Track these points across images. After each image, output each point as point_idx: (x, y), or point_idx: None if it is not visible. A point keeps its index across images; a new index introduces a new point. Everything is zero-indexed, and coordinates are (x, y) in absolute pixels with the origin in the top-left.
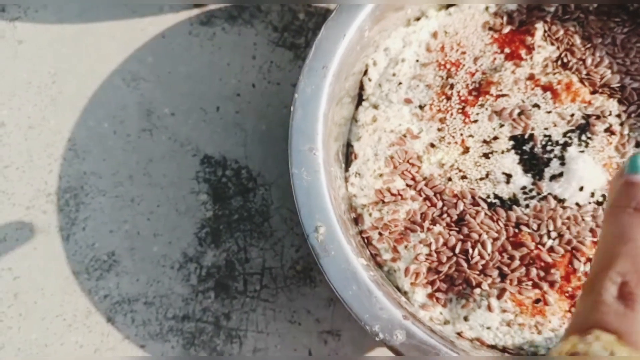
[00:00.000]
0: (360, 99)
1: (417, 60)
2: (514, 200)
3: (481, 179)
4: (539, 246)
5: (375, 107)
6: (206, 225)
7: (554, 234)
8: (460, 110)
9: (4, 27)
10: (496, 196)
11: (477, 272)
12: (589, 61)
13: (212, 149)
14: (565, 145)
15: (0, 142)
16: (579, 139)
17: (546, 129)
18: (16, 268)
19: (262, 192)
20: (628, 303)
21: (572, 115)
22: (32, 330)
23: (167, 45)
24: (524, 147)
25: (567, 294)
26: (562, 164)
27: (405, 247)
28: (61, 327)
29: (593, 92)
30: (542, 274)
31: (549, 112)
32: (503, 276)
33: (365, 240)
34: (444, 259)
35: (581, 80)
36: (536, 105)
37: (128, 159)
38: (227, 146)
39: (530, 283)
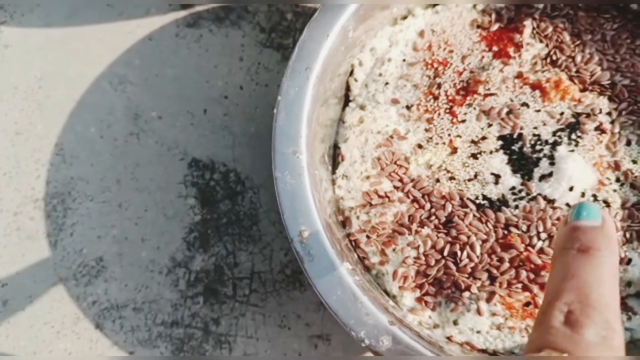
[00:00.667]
0: (347, 100)
1: (404, 60)
2: (503, 201)
3: (469, 179)
4: (529, 248)
5: (362, 108)
6: (194, 230)
7: (543, 235)
8: (447, 110)
9: None
10: (485, 197)
11: (466, 275)
12: (578, 58)
13: (200, 153)
14: (554, 145)
15: None
16: (569, 138)
17: (535, 128)
18: (4, 275)
19: (251, 196)
20: (574, 328)
21: (562, 113)
22: (21, 338)
23: (154, 47)
24: (513, 147)
25: None
26: (552, 163)
27: (394, 250)
28: (50, 334)
29: (583, 90)
30: (532, 276)
31: (538, 110)
32: (492, 279)
33: (353, 243)
34: (433, 262)
35: (571, 78)
36: (525, 104)
37: (115, 163)
38: (215, 149)
39: (520, 285)
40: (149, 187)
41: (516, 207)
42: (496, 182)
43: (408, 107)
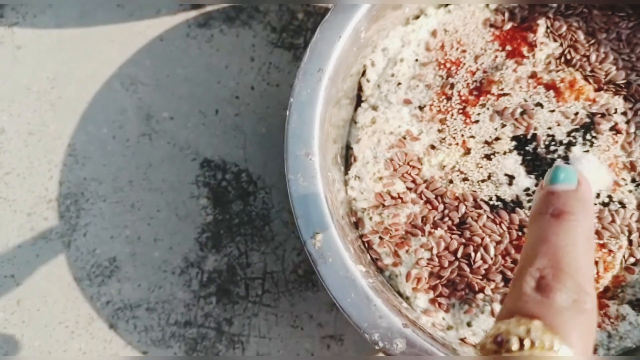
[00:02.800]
0: (359, 101)
1: (417, 60)
2: (517, 203)
3: (483, 180)
4: None
5: (374, 108)
6: (207, 230)
7: None
8: (461, 111)
9: (2, 33)
10: (499, 198)
11: (480, 277)
12: (593, 57)
13: (212, 153)
14: (569, 145)
15: (1, 149)
16: (584, 139)
17: (549, 128)
18: (19, 275)
19: (263, 196)
20: (545, 293)
21: (576, 113)
22: (35, 338)
23: (165, 48)
24: (527, 148)
25: None
26: (567, 164)
27: (407, 251)
28: (64, 334)
29: (598, 90)
30: None
31: (552, 111)
32: (506, 280)
33: (366, 244)
34: (446, 264)
35: (585, 78)
36: (539, 104)
37: (128, 164)
38: (226, 149)
39: None
40: (162, 188)
41: (530, 208)
42: (510, 183)
43: (421, 108)
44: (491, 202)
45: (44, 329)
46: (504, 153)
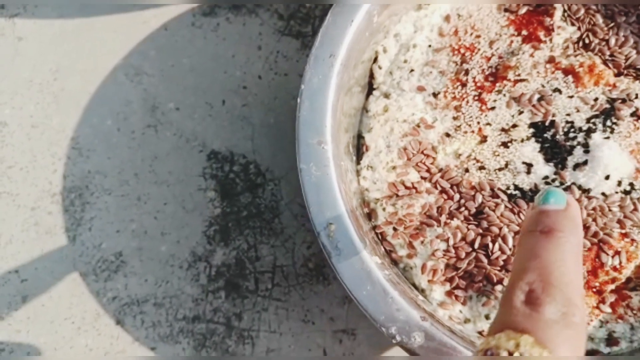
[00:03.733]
0: (370, 88)
1: (430, 46)
2: (536, 191)
3: (500, 169)
4: None
5: (387, 96)
6: (215, 223)
7: None
8: (476, 97)
9: (3, 24)
10: (516, 187)
11: (498, 268)
12: (612, 41)
13: (219, 144)
14: (589, 132)
15: (3, 142)
16: (604, 125)
17: (568, 114)
18: (23, 271)
19: (272, 188)
20: (534, 306)
21: (596, 99)
22: (41, 334)
23: (169, 37)
24: (545, 135)
25: (594, 289)
26: (586, 151)
27: (422, 242)
28: (70, 330)
29: (618, 74)
30: None
31: (571, 96)
32: None
33: (379, 236)
34: (463, 255)
35: (605, 62)
36: (557, 90)
37: (133, 156)
38: (234, 141)
39: None
40: (168, 180)
41: None
42: (528, 172)
43: (435, 95)
44: (509, 191)
45: (50, 325)
46: (522, 140)
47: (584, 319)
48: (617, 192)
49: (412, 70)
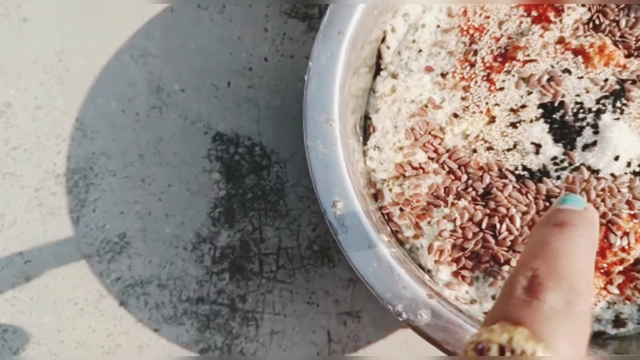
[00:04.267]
0: (378, 69)
1: (438, 26)
2: (544, 172)
3: (508, 149)
4: None
5: (394, 76)
6: (219, 205)
7: None
8: (485, 78)
9: (8, 6)
10: (525, 168)
11: (506, 249)
12: (623, 23)
13: (224, 126)
14: (598, 113)
15: (8, 123)
16: (614, 106)
17: (578, 95)
18: (27, 251)
19: (277, 170)
20: (534, 293)
21: (606, 80)
22: (44, 315)
23: (175, 19)
24: (554, 116)
25: (602, 271)
26: (596, 132)
27: (428, 223)
28: (73, 311)
29: (628, 56)
30: None
31: (581, 77)
32: None
33: (386, 216)
34: (470, 235)
35: (615, 43)
36: (567, 71)
37: (138, 138)
38: (239, 123)
39: None
40: (173, 162)
41: (558, 177)
42: (537, 152)
43: (443, 75)
44: (517, 172)
45: (53, 306)
46: (530, 121)
47: (588, 310)
48: (626, 173)
49: (420, 51)
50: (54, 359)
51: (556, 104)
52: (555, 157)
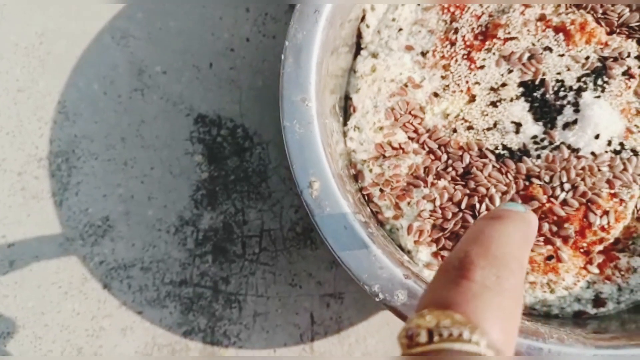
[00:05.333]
0: (358, 49)
1: (419, 4)
2: (524, 151)
3: (488, 129)
4: (552, 199)
5: (375, 55)
6: (202, 187)
7: (567, 186)
8: (465, 56)
9: None
10: (505, 147)
11: None
12: None
13: (206, 108)
14: (579, 91)
15: None
16: (595, 84)
17: (559, 73)
18: (10, 235)
19: (259, 152)
20: (464, 273)
21: (587, 58)
22: (29, 298)
23: (156, 0)
24: (535, 94)
25: (581, 250)
26: (576, 110)
27: (408, 203)
28: (57, 295)
29: (610, 33)
30: (554, 228)
31: (562, 55)
32: None
33: (366, 197)
34: (450, 215)
35: (597, 20)
36: (548, 48)
37: (120, 120)
38: (221, 104)
39: (542, 239)
40: (155, 144)
41: (538, 157)
42: (517, 131)
43: (423, 54)
44: (497, 151)
45: (37, 290)
46: (511, 100)
47: (518, 286)
48: (606, 152)
49: (400, 29)
50: (39, 343)
51: (537, 82)
52: (535, 136)
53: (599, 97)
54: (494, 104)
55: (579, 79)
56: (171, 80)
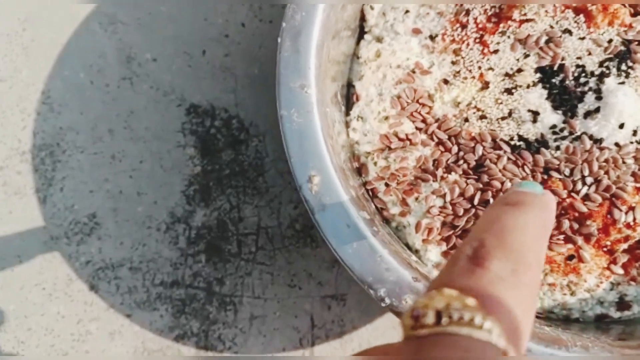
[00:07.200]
0: (361, 32)
1: None
2: (542, 142)
3: (503, 118)
4: (572, 194)
5: (379, 40)
6: (194, 182)
7: (589, 180)
8: (477, 40)
9: None
10: (521, 138)
11: None
12: None
13: (199, 98)
14: (601, 77)
15: None
16: (618, 69)
17: (579, 58)
18: None
19: (256, 144)
20: (480, 261)
21: (610, 41)
22: (10, 301)
23: None
24: (553, 80)
25: (605, 249)
26: (599, 98)
27: (416, 199)
28: (41, 297)
29: (634, 14)
30: (576, 226)
31: (583, 38)
32: None
33: (370, 192)
34: (461, 212)
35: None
36: (567, 31)
37: (107, 111)
38: (215, 93)
39: (562, 237)
40: (144, 137)
41: (557, 148)
42: (534, 120)
43: (432, 38)
44: (512, 142)
45: (20, 292)
46: (527, 87)
47: (535, 282)
48: (632, 142)
49: (407, 11)
50: (22, 348)
51: (555, 68)
52: (554, 126)
53: (623, 83)
54: (509, 91)
55: (601, 64)
56: (162, 69)
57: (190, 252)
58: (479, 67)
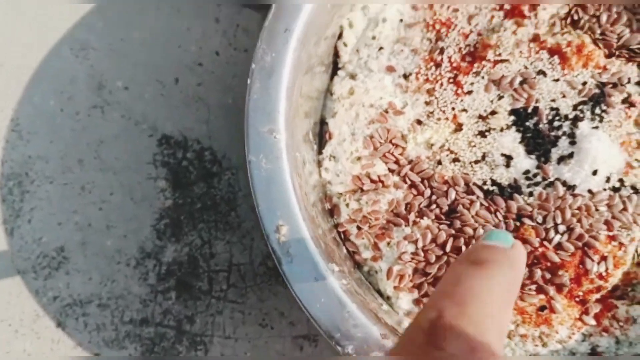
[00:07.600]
0: (335, 68)
1: (401, 20)
2: (515, 187)
3: (476, 162)
4: (545, 243)
5: (353, 77)
6: (165, 216)
7: (562, 228)
8: (451, 80)
9: None
10: (494, 182)
11: None
12: (603, 18)
13: (171, 128)
14: (575, 120)
15: None
16: (592, 113)
17: (553, 100)
18: None
19: (228, 177)
20: (435, 340)
21: (584, 83)
22: None
23: (119, 8)
24: (527, 123)
25: (577, 299)
26: (573, 142)
27: (388, 244)
28: (7, 334)
29: (609, 56)
30: (548, 276)
31: (557, 80)
32: None
33: (342, 235)
34: (433, 259)
35: (595, 42)
36: (541, 72)
37: (77, 140)
38: (188, 124)
39: (534, 287)
40: (115, 167)
41: (530, 194)
42: (507, 165)
43: (405, 76)
44: (485, 187)
45: None
46: (501, 129)
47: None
48: (605, 189)
49: (381, 48)
50: None
51: (529, 110)
52: (527, 171)
53: (597, 127)
54: (482, 134)
55: (575, 107)
56: (133, 97)
57: (160, 288)
58: (453, 108)
